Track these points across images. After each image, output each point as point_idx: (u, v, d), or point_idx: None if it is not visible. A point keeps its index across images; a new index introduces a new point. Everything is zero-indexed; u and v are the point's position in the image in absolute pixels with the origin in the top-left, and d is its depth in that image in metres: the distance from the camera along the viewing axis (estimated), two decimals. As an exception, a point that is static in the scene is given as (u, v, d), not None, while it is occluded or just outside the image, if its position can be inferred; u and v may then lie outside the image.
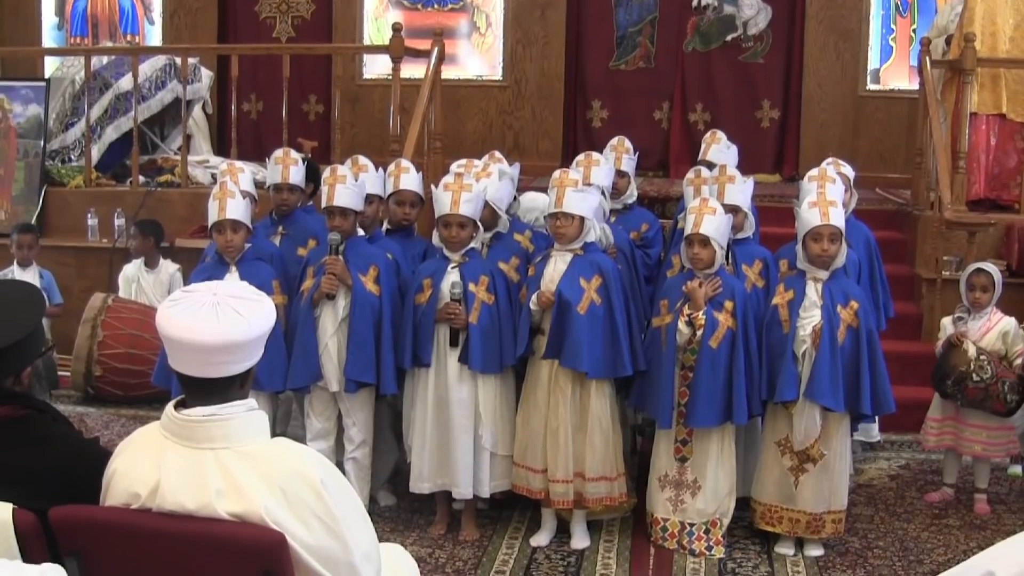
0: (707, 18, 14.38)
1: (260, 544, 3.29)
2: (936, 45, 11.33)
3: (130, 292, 10.35)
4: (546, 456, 6.93)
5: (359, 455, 7.21)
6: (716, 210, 6.84)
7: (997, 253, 10.13)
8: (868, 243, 8.09)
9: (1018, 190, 10.81)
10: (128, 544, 3.40)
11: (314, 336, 7.03)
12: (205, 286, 3.49)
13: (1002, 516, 7.70)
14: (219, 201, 7.05)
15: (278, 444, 3.48)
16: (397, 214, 7.70)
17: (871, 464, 8.62)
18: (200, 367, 3.40)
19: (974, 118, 10.78)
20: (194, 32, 14.96)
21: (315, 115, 15.08)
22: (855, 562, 6.86)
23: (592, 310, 6.77)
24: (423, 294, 6.98)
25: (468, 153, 8.98)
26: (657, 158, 14.43)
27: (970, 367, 7.45)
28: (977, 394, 7.51)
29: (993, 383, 7.44)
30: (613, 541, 7.12)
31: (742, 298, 6.87)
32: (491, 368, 6.96)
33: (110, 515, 3.45)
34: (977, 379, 7.44)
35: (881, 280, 8.18)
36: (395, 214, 7.70)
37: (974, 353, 7.48)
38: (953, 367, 7.55)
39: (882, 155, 13.55)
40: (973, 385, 7.47)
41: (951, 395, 7.67)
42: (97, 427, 9.04)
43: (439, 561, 6.77)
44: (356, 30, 14.84)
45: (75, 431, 4.06)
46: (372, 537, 3.59)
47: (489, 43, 14.81)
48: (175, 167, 12.00)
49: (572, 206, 6.82)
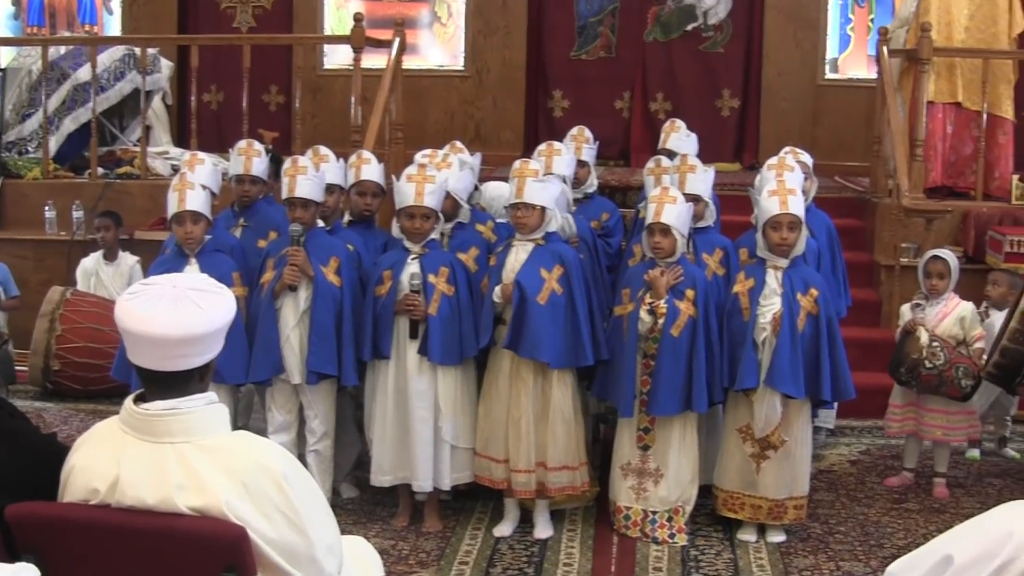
0: (668, 8, 14.40)
1: (222, 538, 3.27)
2: (897, 36, 11.40)
3: (89, 285, 10.30)
4: (508, 446, 6.94)
5: (321, 447, 7.19)
6: (677, 199, 6.85)
7: (954, 240, 10.24)
8: (829, 232, 8.12)
9: (974, 177, 10.92)
10: (87, 540, 3.38)
11: (275, 328, 7.00)
12: (164, 278, 3.47)
13: (961, 500, 7.77)
14: (179, 192, 7.00)
15: (239, 437, 3.47)
16: (359, 205, 7.69)
17: (832, 450, 8.67)
18: (160, 360, 3.37)
19: (931, 107, 10.88)
20: (153, 22, 14.85)
21: (276, 106, 15.03)
22: (817, 547, 6.90)
23: (553, 300, 6.77)
24: (383, 286, 6.97)
25: (430, 143, 8.97)
26: (618, 147, 14.44)
27: (923, 354, 7.50)
28: (931, 380, 7.56)
29: (947, 369, 7.48)
30: (576, 530, 7.13)
31: (703, 286, 6.88)
32: (450, 360, 6.95)
33: (69, 511, 3.42)
34: (930, 366, 7.49)
35: (841, 268, 8.22)
36: (356, 205, 7.70)
37: (927, 340, 7.52)
38: (906, 355, 7.60)
39: (841, 143, 13.56)
40: (927, 372, 7.52)
41: (906, 382, 7.74)
42: (56, 422, 9.01)
43: (402, 553, 6.76)
44: (317, 20, 14.81)
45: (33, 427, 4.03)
46: (335, 530, 3.58)
47: (451, 33, 14.81)
48: (134, 159, 11.98)
49: (533, 196, 6.82)
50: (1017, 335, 6.71)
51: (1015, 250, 9.61)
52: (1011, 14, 11.10)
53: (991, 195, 11.00)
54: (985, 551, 3.13)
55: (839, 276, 8.13)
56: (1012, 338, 6.76)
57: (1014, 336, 6.74)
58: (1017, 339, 6.73)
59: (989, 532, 3.17)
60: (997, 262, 9.64)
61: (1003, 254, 9.66)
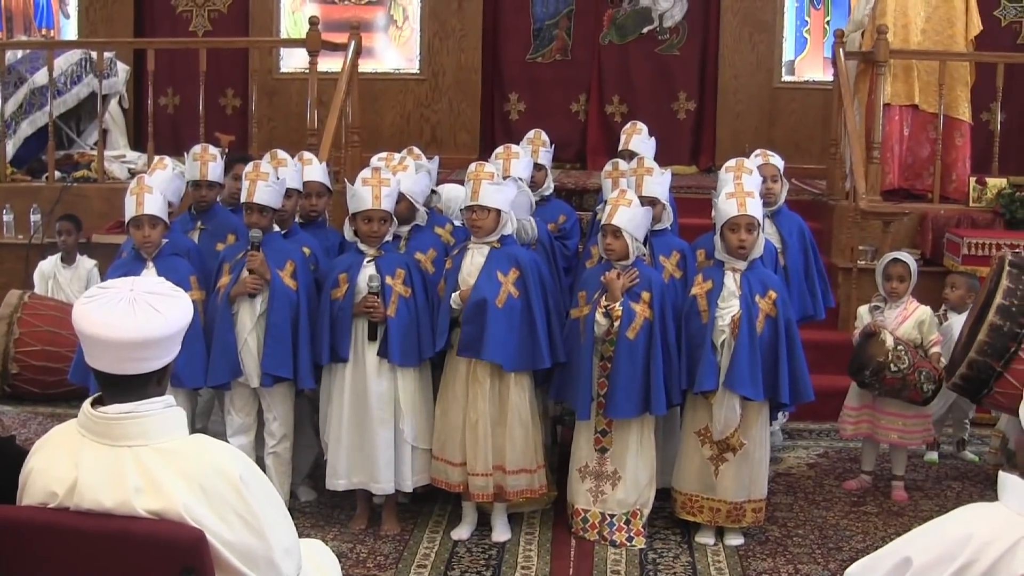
0: (623, 11, 14.44)
1: (179, 541, 3.26)
2: (852, 39, 11.44)
3: (46, 288, 10.26)
4: (464, 449, 6.93)
5: (280, 450, 7.19)
6: (632, 202, 6.86)
7: (912, 242, 10.31)
8: (802, 233, 8.15)
9: (931, 180, 10.97)
10: (46, 543, 3.36)
11: (232, 332, 6.98)
12: (122, 282, 3.46)
13: (919, 502, 7.79)
14: (136, 196, 6.97)
15: (197, 441, 3.46)
16: (304, 206, 7.70)
17: (790, 453, 8.70)
18: (117, 364, 3.36)
19: (887, 109, 10.94)
20: (110, 26, 14.80)
21: (232, 109, 14.98)
22: (775, 550, 6.92)
23: (509, 303, 6.78)
24: (339, 289, 6.96)
25: (386, 146, 8.97)
26: (575, 150, 14.45)
27: (888, 357, 7.51)
28: (895, 384, 7.58)
29: (910, 373, 7.52)
30: (534, 533, 7.14)
31: (659, 289, 6.89)
32: (410, 361, 6.95)
33: (27, 514, 3.41)
34: (895, 369, 7.51)
35: (818, 270, 8.25)
36: (302, 207, 7.69)
37: (892, 344, 7.53)
38: (871, 357, 7.60)
39: (797, 145, 13.61)
40: (891, 375, 7.54)
41: (868, 385, 7.74)
42: (14, 425, 8.95)
43: (360, 556, 6.76)
44: (273, 24, 14.78)
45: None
46: (292, 533, 3.57)
47: (406, 36, 14.80)
48: (91, 162, 11.93)
49: (488, 199, 6.83)
50: (985, 347, 6.71)
51: (973, 252, 9.65)
52: (968, 16, 11.17)
53: (948, 197, 11.06)
54: (944, 553, 3.15)
55: (814, 277, 8.15)
56: (980, 350, 6.76)
57: (982, 349, 6.75)
58: (985, 352, 6.73)
59: (948, 534, 3.20)
60: (955, 264, 9.69)
61: (960, 256, 9.70)
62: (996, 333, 6.67)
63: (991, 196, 10.57)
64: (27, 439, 7.96)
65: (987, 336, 6.71)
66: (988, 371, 6.75)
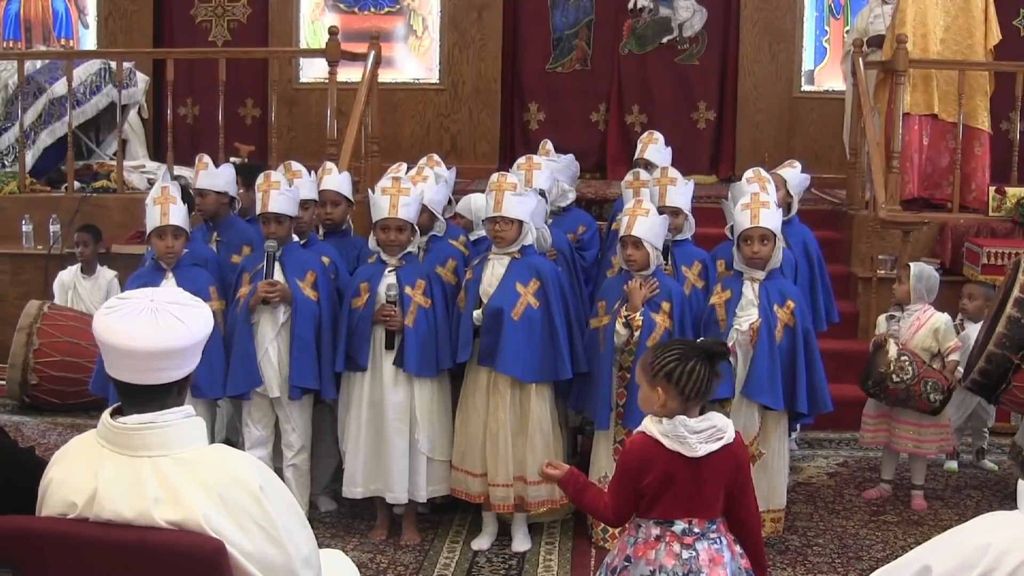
0: (643, 20, 14.44)
1: (199, 552, 3.26)
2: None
3: (66, 299, 10.27)
4: (485, 460, 6.93)
5: (299, 461, 7.17)
6: (649, 212, 6.85)
7: (931, 252, 10.28)
8: (805, 247, 8.12)
9: (951, 189, 10.93)
10: (65, 554, 3.36)
11: (252, 342, 6.98)
12: (142, 292, 3.47)
13: (939, 511, 7.77)
14: (161, 206, 6.98)
15: (216, 451, 3.47)
16: (319, 215, 7.70)
17: (809, 462, 8.68)
18: (138, 374, 3.37)
19: (907, 118, 10.91)
20: (129, 36, 14.85)
21: (252, 119, 15.02)
22: (795, 560, 6.90)
23: (529, 314, 6.77)
24: (360, 298, 6.97)
25: (405, 156, 8.98)
26: (594, 160, 14.46)
27: (890, 368, 7.49)
28: (899, 394, 7.57)
29: (915, 383, 7.49)
30: (554, 543, 7.13)
31: (679, 299, 6.89)
32: (426, 371, 6.95)
33: (47, 525, 3.41)
34: (897, 379, 7.49)
35: (823, 284, 8.22)
36: (317, 215, 7.70)
37: (895, 354, 7.52)
38: (875, 367, 7.60)
39: (817, 155, 13.61)
40: (893, 385, 7.52)
41: (874, 395, 7.76)
42: (34, 436, 8.96)
43: (380, 566, 6.75)
44: (292, 34, 14.81)
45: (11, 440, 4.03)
46: (312, 543, 3.57)
47: (426, 46, 14.82)
48: (111, 172, 11.94)
49: (511, 210, 6.82)
50: (1004, 340, 6.71)
51: (992, 262, 9.63)
52: (987, 25, 11.14)
53: (968, 207, 11.03)
54: (964, 562, 3.14)
55: (818, 291, 8.12)
56: (999, 343, 6.75)
57: (1000, 341, 6.74)
58: (1004, 344, 6.72)
59: (967, 543, 3.18)
60: (974, 274, 9.67)
61: (980, 266, 9.68)
62: (1014, 326, 6.69)
63: (1011, 205, 10.53)
64: (47, 450, 7.98)
65: (1005, 328, 6.73)
66: (1007, 364, 6.77)
